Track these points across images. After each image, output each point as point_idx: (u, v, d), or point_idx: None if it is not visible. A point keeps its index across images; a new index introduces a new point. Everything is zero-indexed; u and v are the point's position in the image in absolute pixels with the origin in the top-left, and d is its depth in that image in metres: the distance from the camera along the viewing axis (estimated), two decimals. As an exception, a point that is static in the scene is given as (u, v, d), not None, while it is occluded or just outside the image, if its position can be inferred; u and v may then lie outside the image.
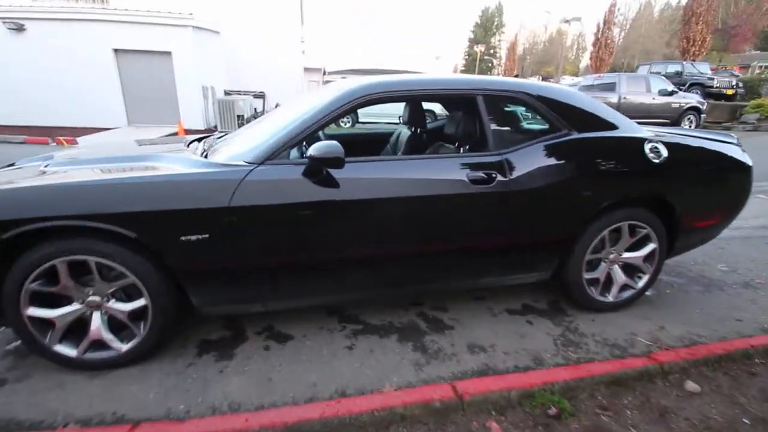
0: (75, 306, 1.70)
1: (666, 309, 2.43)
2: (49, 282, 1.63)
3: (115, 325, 1.76)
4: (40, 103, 10.97)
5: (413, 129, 2.87)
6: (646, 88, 11.43)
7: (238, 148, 1.83)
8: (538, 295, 2.53)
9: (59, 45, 10.92)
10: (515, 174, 1.91)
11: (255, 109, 12.94)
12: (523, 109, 2.65)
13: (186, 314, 1.84)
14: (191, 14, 11.45)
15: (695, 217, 2.29)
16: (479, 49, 42.76)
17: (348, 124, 12.78)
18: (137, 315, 1.75)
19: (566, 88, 2.15)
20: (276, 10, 15.91)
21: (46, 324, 1.69)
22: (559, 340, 2.08)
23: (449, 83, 2.03)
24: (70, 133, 9.31)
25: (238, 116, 11.82)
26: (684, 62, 16.44)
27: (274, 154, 1.71)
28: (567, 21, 27.50)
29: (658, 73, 14.56)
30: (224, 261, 1.70)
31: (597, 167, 2.01)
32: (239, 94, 12.94)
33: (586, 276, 2.23)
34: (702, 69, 15.80)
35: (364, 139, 3.34)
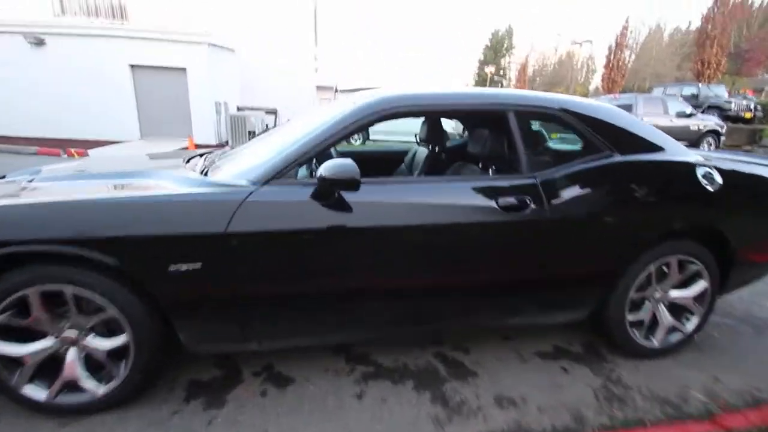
0: (48, 341, 1.48)
1: (716, 355, 2.13)
2: (19, 314, 1.42)
3: (92, 364, 1.54)
4: (56, 116, 11.11)
5: (431, 147, 2.67)
6: (664, 110, 11.19)
7: (240, 165, 1.63)
8: (570, 335, 2.25)
9: (77, 60, 11.13)
10: (552, 200, 1.67)
11: (266, 125, 12.96)
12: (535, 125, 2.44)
13: (174, 352, 1.61)
14: (207, 32, 11.63)
15: (752, 250, 2.02)
16: (490, 70, 43.11)
17: (358, 141, 12.72)
18: (118, 353, 1.52)
19: (607, 105, 1.93)
20: (291, 30, 16.16)
21: (14, 362, 1.47)
22: (601, 393, 1.80)
23: (477, 97, 1.83)
24: (84, 146, 9.33)
25: (250, 132, 11.83)
26: (700, 84, 16.21)
27: (280, 174, 1.51)
28: (578, 43, 27.64)
29: (674, 95, 14.34)
30: (218, 294, 1.48)
31: (644, 194, 1.77)
32: (251, 110, 13.01)
33: (630, 317, 1.96)
34: (718, 92, 15.55)
35: (376, 158, 3.14)
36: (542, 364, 2.00)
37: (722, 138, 11.38)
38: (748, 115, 13.96)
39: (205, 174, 1.70)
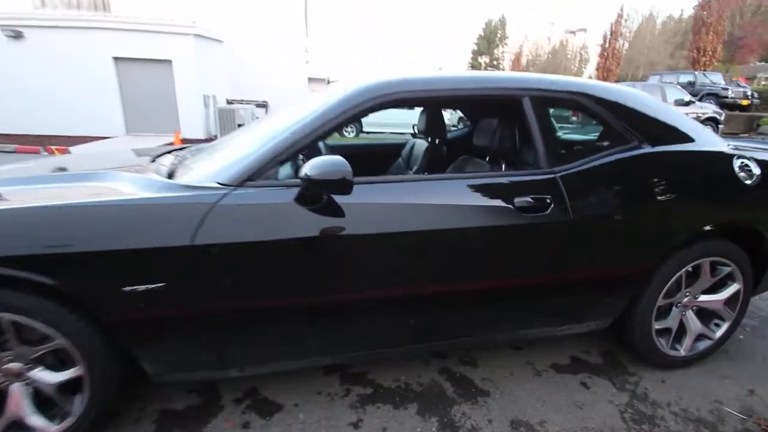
0: (-14, 375, 1.25)
1: (747, 363, 1.95)
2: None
3: (43, 400, 1.31)
4: (37, 112, 10.68)
5: (431, 140, 2.44)
6: (662, 97, 10.99)
7: (212, 165, 1.39)
8: (586, 343, 2.05)
9: (58, 53, 10.69)
10: (575, 198, 1.45)
11: (257, 118, 12.62)
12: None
13: (142, 382, 1.38)
14: (193, 23, 11.23)
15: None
16: (483, 60, 42.68)
17: (352, 134, 12.42)
18: (73, 386, 1.29)
19: (633, 90, 1.70)
20: (281, 21, 15.74)
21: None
22: (628, 413, 1.60)
23: (488, 81, 1.60)
24: (67, 142, 8.97)
25: (239, 125, 11.50)
26: (696, 72, 16.05)
27: (258, 173, 1.27)
28: (572, 32, 27.34)
29: (670, 83, 14.16)
30: (186, 316, 1.25)
31: (678, 190, 1.56)
32: (241, 103, 12.65)
33: (656, 325, 1.76)
34: (715, 79, 15.41)
35: (370, 152, 2.90)
36: (559, 378, 1.80)
37: (721, 126, 11.24)
38: (745, 102, 13.84)
39: (172, 175, 1.46)
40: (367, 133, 12.35)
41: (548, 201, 1.42)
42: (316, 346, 1.46)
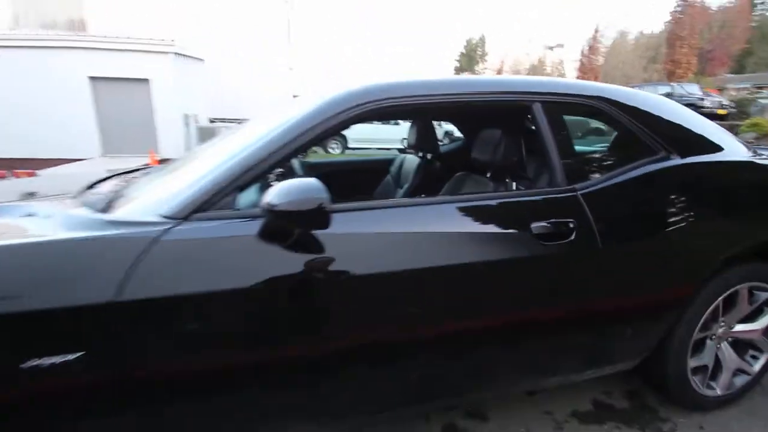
0: None
1: (788, 397, 1.72)
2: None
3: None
4: (10, 134, 10.20)
5: (422, 155, 2.21)
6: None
7: (154, 193, 1.11)
8: (607, 382, 1.80)
9: (32, 74, 10.33)
10: (602, 220, 1.22)
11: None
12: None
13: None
14: (172, 41, 11.01)
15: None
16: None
17: (338, 150, 12.21)
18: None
19: (655, 95, 1.50)
20: (264, 39, 15.67)
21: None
22: (671, 475, 1.34)
23: (493, 85, 1.36)
24: (43, 165, 8.44)
25: (220, 144, 11.19)
26: (673, 84, 16.50)
27: (210, 201, 0.99)
28: (551, 47, 28.08)
29: (650, 94, 14.42)
30: (115, 389, 0.95)
31: (715, 206, 1.35)
32: (224, 122, 12.37)
33: (692, 363, 1.52)
34: (691, 90, 15.81)
35: (356, 169, 2.66)
36: (584, 430, 1.53)
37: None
38: (722, 111, 14.17)
39: (109, 207, 1.17)
40: (353, 149, 12.14)
41: (571, 225, 1.18)
42: (281, 416, 1.16)
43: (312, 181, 0.93)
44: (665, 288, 1.35)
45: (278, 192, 0.91)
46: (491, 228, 1.17)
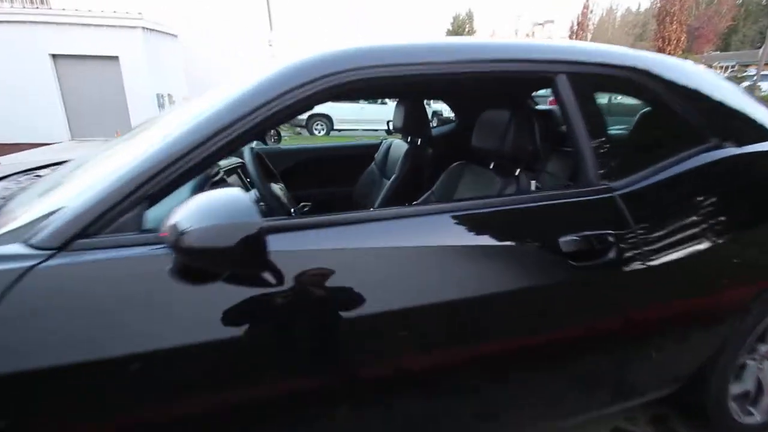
0: None
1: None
2: None
3: None
4: (-35, 119, 9.45)
5: (411, 140, 1.89)
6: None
7: (26, 211, 0.78)
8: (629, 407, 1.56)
9: (-13, 51, 9.48)
10: (647, 229, 0.93)
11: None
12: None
13: None
14: (140, 14, 10.22)
15: None
16: (453, 53, 42.57)
17: (322, 132, 11.71)
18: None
19: (706, 69, 1.20)
20: (242, 14, 14.80)
21: None
22: None
23: (507, 50, 0.99)
24: (8, 150, 7.85)
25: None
26: (663, 61, 16.33)
27: (99, 221, 0.67)
28: (540, 24, 27.50)
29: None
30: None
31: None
32: (200, 102, 11.73)
33: (734, 389, 1.28)
34: (681, 68, 15.68)
35: (340, 155, 2.32)
36: (607, 469, 1.29)
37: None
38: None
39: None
40: (339, 131, 11.66)
41: (610, 239, 0.89)
42: None
43: (241, 198, 0.61)
44: (719, 306, 1.08)
45: (183, 217, 0.59)
46: (508, 241, 0.86)
